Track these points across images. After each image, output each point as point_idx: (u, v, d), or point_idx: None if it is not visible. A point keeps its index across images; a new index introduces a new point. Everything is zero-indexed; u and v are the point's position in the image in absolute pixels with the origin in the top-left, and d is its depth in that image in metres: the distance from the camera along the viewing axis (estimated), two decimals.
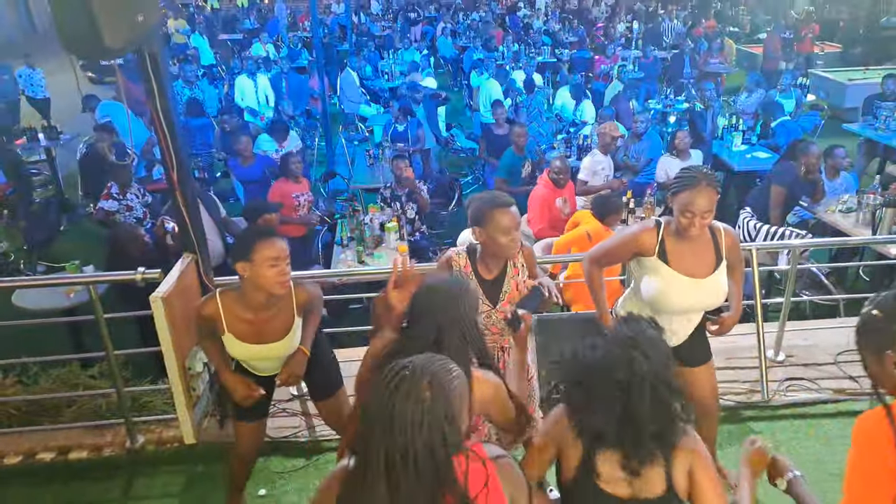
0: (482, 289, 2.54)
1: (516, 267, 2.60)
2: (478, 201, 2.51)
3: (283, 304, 2.52)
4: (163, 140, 2.81)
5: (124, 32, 2.13)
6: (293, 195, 5.55)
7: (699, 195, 2.42)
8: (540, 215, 5.32)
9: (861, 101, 9.26)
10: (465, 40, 14.26)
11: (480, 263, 2.56)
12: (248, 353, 2.55)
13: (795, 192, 5.35)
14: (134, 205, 5.60)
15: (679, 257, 2.57)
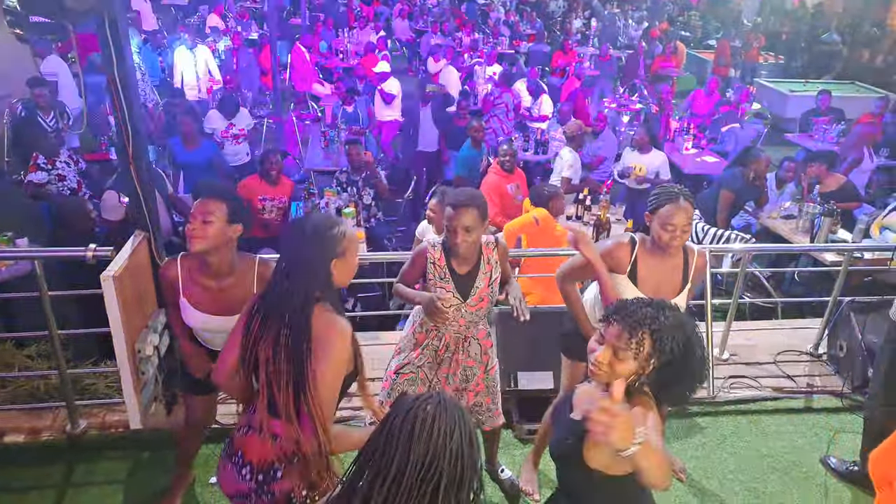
0: (454, 282, 2.59)
1: (490, 263, 2.64)
2: (443, 197, 2.51)
3: (243, 276, 2.45)
4: (119, 109, 2.65)
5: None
6: (259, 198, 5.16)
7: (679, 210, 2.47)
8: (491, 202, 5.31)
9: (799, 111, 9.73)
10: (422, 24, 14.11)
11: (454, 257, 2.60)
12: (200, 322, 2.47)
13: (742, 197, 5.58)
14: (66, 173, 5.23)
15: (648, 279, 2.62)
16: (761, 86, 10.76)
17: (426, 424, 1.26)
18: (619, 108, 9.03)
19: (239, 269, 2.43)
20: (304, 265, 1.80)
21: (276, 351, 1.78)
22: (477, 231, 2.49)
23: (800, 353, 4.14)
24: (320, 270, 1.81)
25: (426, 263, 2.61)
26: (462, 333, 2.69)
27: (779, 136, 9.20)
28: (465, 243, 2.47)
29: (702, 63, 12.95)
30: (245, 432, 1.92)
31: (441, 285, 2.59)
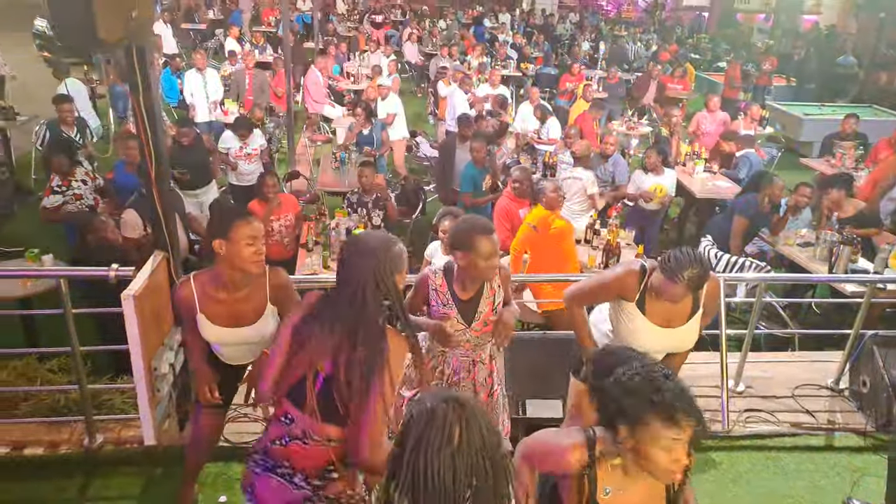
0: (457, 308, 2.60)
1: (493, 288, 2.65)
2: (462, 226, 2.53)
3: (256, 287, 2.54)
4: (143, 134, 2.73)
5: (118, 27, 2.14)
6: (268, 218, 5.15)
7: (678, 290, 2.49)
8: (502, 227, 5.28)
9: (816, 135, 9.64)
10: (431, 47, 14.23)
11: (457, 283, 2.61)
12: (218, 336, 2.54)
13: (756, 224, 5.46)
14: (82, 192, 5.25)
15: (656, 308, 2.64)
16: (775, 109, 10.67)
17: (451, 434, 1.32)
18: (628, 130, 8.98)
19: (252, 280, 2.51)
20: (372, 280, 1.89)
21: (350, 363, 1.84)
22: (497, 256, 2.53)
23: (819, 388, 4.01)
24: (390, 283, 1.92)
25: (428, 290, 2.62)
26: (469, 357, 2.68)
27: (794, 160, 9.09)
28: (495, 269, 2.51)
29: (712, 86, 12.90)
30: (285, 443, 1.96)
31: (444, 311, 2.59)
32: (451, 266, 2.62)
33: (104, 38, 2.01)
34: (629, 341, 2.67)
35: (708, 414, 3.72)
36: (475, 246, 2.43)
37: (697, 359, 4.09)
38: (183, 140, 5.89)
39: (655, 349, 2.71)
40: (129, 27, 2.19)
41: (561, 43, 16.19)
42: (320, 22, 14.01)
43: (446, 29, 16.09)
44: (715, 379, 3.73)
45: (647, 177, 6.18)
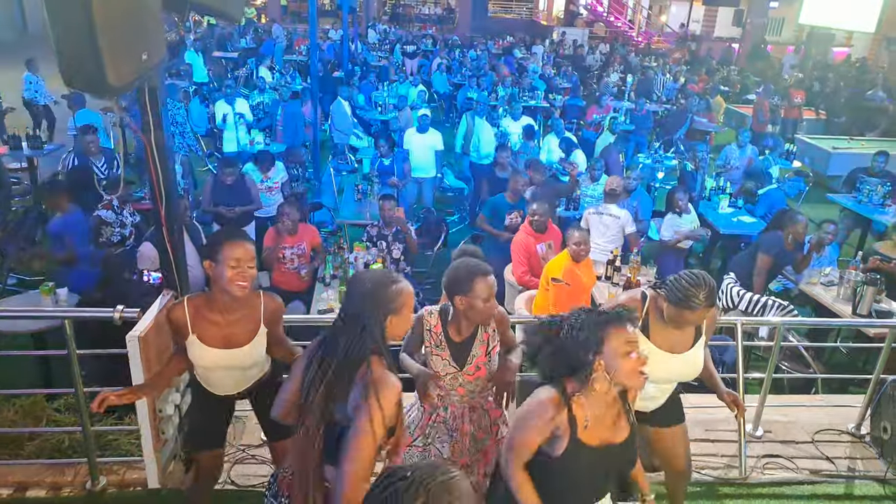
0: (450, 350, 2.59)
1: (486, 332, 2.63)
2: (458, 270, 2.53)
3: (250, 309, 2.55)
4: (154, 173, 2.80)
5: (128, 70, 2.11)
6: (281, 246, 5.24)
7: (696, 316, 2.52)
8: (519, 261, 5.30)
9: (844, 169, 9.50)
10: (460, 77, 14.42)
11: (451, 325, 2.60)
12: (210, 359, 2.52)
13: (780, 262, 5.40)
14: (127, 222, 5.48)
15: (660, 333, 2.65)
16: (803, 142, 10.56)
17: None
18: (654, 163, 8.97)
19: (247, 302, 2.52)
20: (360, 319, 1.90)
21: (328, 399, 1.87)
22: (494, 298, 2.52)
23: (840, 433, 3.93)
24: (375, 325, 1.91)
25: (423, 330, 2.61)
26: (467, 403, 2.64)
27: (821, 194, 8.97)
28: (492, 311, 2.51)
29: (741, 118, 12.83)
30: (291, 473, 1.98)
31: (437, 353, 2.58)
32: (446, 308, 2.61)
33: (113, 82, 1.99)
34: None
35: (725, 460, 3.69)
36: (473, 289, 2.44)
37: (714, 402, 4.03)
38: (227, 180, 6.05)
39: (664, 377, 2.71)
40: (139, 69, 2.17)
41: (590, 74, 16.30)
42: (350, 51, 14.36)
43: (476, 59, 16.32)
44: (733, 423, 3.69)
45: (681, 218, 6.18)
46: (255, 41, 17.37)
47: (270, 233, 5.36)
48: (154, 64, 2.29)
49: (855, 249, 6.77)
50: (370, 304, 1.92)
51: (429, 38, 20.55)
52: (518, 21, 26.92)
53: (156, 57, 2.30)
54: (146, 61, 2.19)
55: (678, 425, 2.89)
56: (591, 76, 15.79)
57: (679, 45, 20.85)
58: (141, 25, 2.16)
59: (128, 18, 2.07)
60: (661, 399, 2.82)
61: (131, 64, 2.12)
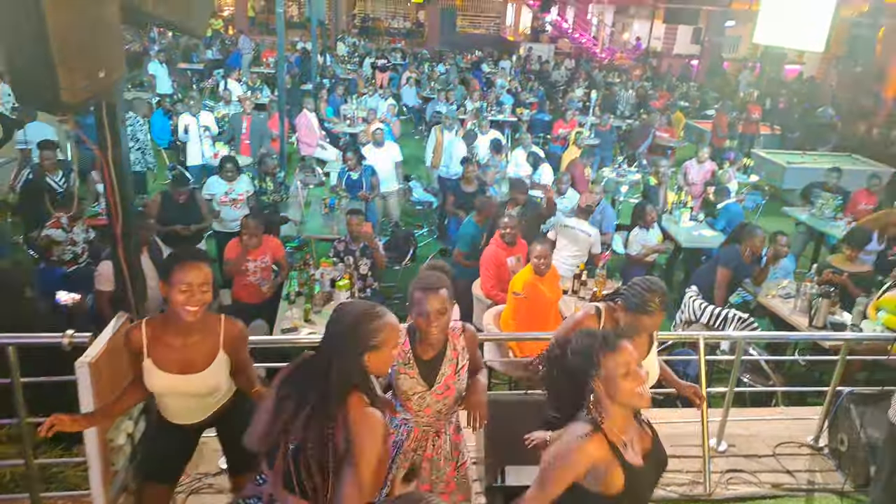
0: (419, 368, 2.53)
1: (455, 350, 2.58)
2: (413, 283, 2.51)
3: (209, 333, 2.46)
4: (110, 191, 2.72)
5: (84, 87, 2.04)
6: (245, 259, 5.12)
7: (653, 320, 2.59)
8: (489, 275, 5.31)
9: (798, 182, 9.82)
10: (429, 91, 14.49)
11: (419, 342, 2.54)
12: (166, 384, 2.43)
13: (739, 275, 5.53)
14: (78, 239, 5.31)
15: None
16: (759, 157, 10.88)
17: None
18: (618, 177, 9.12)
19: (205, 326, 2.44)
20: (338, 354, 1.87)
21: (316, 436, 1.83)
22: (448, 314, 2.46)
23: (800, 446, 4.01)
24: (353, 362, 1.88)
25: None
26: (433, 426, 2.59)
27: (777, 207, 9.24)
28: (439, 327, 2.43)
29: (701, 133, 13.16)
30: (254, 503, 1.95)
31: (405, 371, 2.53)
32: (414, 326, 2.57)
33: (68, 99, 1.93)
34: None
35: (690, 476, 3.73)
36: (415, 303, 2.40)
37: (682, 417, 4.11)
38: (179, 198, 5.88)
39: None
40: (96, 87, 2.11)
41: (556, 89, 16.54)
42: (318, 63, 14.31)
43: (445, 73, 16.42)
44: (697, 438, 3.73)
45: (648, 233, 6.29)
46: (221, 52, 17.18)
47: (233, 245, 5.23)
48: (112, 81, 2.24)
49: (810, 262, 6.97)
50: (349, 340, 1.88)
51: (398, 51, 20.62)
52: (486, 36, 27.20)
53: (114, 74, 2.24)
54: (103, 78, 2.13)
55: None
56: (557, 91, 16.02)
57: (641, 62, 21.32)
58: (98, 41, 2.10)
59: (84, 34, 2.01)
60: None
61: (87, 81, 2.06)
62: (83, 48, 2.01)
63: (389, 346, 1.95)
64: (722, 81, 18.90)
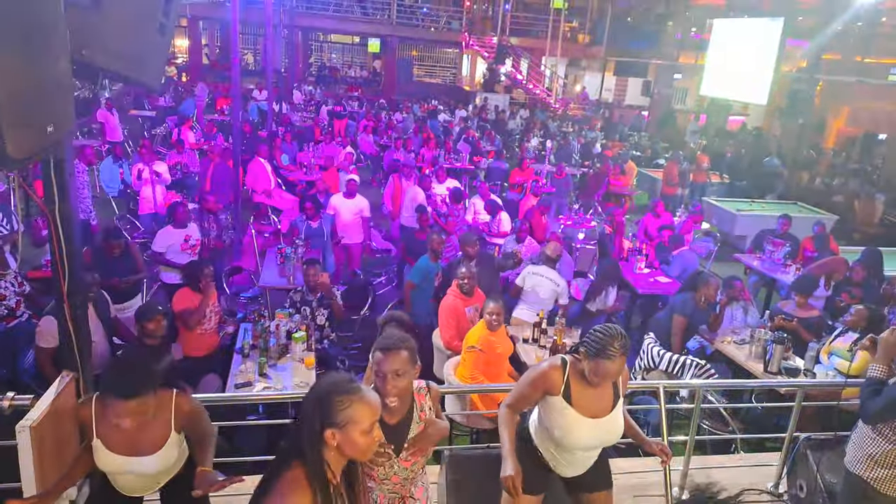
0: (385, 435, 2.40)
1: (423, 411, 2.49)
2: (376, 342, 2.45)
3: (160, 411, 2.34)
4: (57, 247, 2.62)
5: (30, 142, 1.97)
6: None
7: (615, 365, 2.56)
8: (448, 325, 5.28)
9: (747, 229, 10.19)
10: (387, 139, 14.63)
11: (383, 407, 2.40)
12: (114, 465, 2.33)
13: (695, 322, 5.64)
14: (7, 293, 5.05)
15: (581, 398, 2.69)
16: (710, 205, 11.28)
17: None
18: (575, 225, 9.29)
19: (157, 405, 2.32)
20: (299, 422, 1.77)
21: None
22: (408, 375, 2.38)
23: (760, 492, 4.03)
24: (311, 433, 1.74)
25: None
26: (398, 493, 2.49)
27: (729, 254, 9.53)
28: (396, 388, 2.34)
29: (653, 182, 13.59)
30: None
31: None
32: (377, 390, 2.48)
33: (13, 154, 1.86)
34: (562, 438, 2.70)
35: None
36: (376, 362, 2.34)
37: (641, 466, 4.10)
38: (113, 251, 5.52)
39: (588, 443, 2.75)
40: (43, 142, 2.04)
41: (512, 138, 16.91)
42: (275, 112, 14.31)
43: (402, 121, 16.64)
44: (660, 488, 3.70)
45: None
46: (174, 99, 17.02)
47: (184, 294, 5.03)
48: (61, 135, 2.17)
49: (762, 309, 7.15)
50: (311, 409, 1.77)
51: (355, 99, 20.86)
52: (442, 85, 27.83)
53: (63, 128, 2.18)
54: (52, 134, 2.06)
55: (604, 491, 2.93)
56: (513, 140, 16.38)
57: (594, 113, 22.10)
58: (47, 96, 2.05)
59: (32, 89, 1.96)
60: (589, 464, 2.86)
61: (34, 136, 2.00)
62: (30, 103, 1.96)
63: (358, 427, 1.76)
64: (672, 132, 19.69)
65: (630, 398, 5.15)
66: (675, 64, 21.59)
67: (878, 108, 16.93)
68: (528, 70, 22.18)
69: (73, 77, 2.24)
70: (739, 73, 13.85)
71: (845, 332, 5.16)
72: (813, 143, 17.14)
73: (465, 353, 4.64)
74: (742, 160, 15.35)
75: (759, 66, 12.91)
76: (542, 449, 2.84)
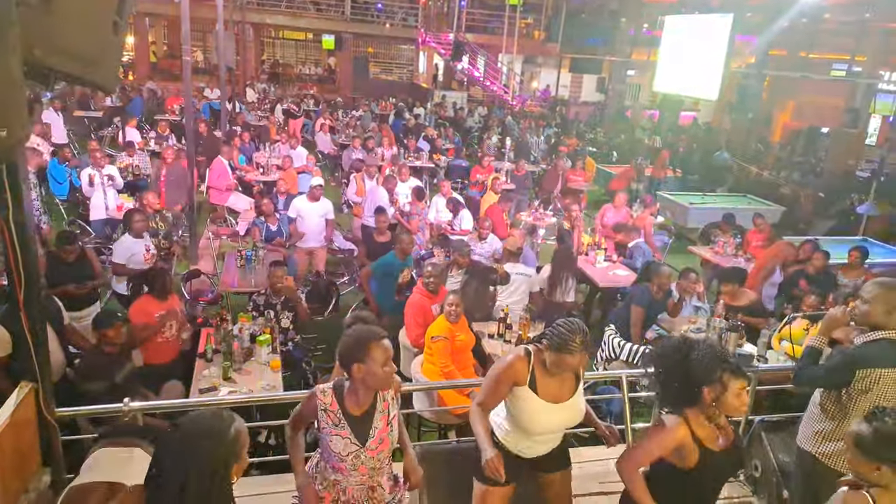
0: (350, 426, 2.48)
1: (386, 401, 2.57)
2: (351, 337, 2.49)
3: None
4: (11, 255, 2.54)
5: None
6: (156, 315, 4.83)
7: (576, 359, 2.68)
8: (415, 323, 5.30)
9: (700, 222, 10.51)
10: (345, 138, 14.50)
11: (349, 399, 2.50)
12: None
13: (652, 312, 5.78)
14: None
15: (546, 386, 2.79)
16: (664, 199, 11.56)
17: None
18: (535, 221, 9.40)
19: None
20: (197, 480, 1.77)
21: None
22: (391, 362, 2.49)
23: None
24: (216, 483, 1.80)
25: (316, 412, 2.50)
26: (366, 484, 2.53)
27: (683, 246, 9.79)
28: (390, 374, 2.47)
29: (609, 177, 13.84)
30: None
31: (336, 433, 2.46)
32: (340, 382, 2.54)
33: None
34: (527, 424, 2.80)
35: None
36: (369, 354, 2.41)
37: (605, 454, 4.17)
38: (68, 257, 5.29)
39: (552, 427, 2.87)
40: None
41: (471, 136, 16.98)
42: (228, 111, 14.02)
43: (360, 119, 16.52)
44: None
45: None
46: (121, 99, 16.41)
47: (140, 305, 4.90)
48: (14, 140, 2.10)
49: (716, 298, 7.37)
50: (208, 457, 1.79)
51: (311, 98, 20.61)
52: (399, 83, 27.75)
53: (17, 133, 2.10)
54: (5, 139, 2.00)
55: (562, 471, 3.07)
56: (472, 137, 16.45)
57: (550, 109, 22.37)
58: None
59: None
60: (551, 447, 2.98)
61: None
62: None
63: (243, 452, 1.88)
64: (626, 128, 20.08)
65: (593, 388, 5.27)
66: (628, 60, 22.01)
67: (821, 102, 17.67)
68: (486, 67, 22.28)
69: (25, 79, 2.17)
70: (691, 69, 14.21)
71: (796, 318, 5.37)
72: (761, 137, 17.75)
73: (430, 346, 4.69)
74: (694, 155, 15.79)
75: (709, 62, 13.26)
76: (507, 440, 2.93)
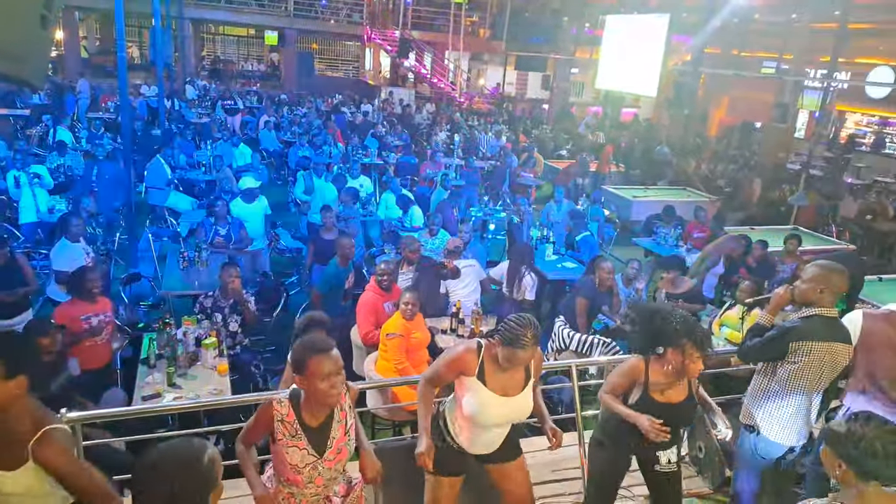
0: (307, 437, 2.40)
1: (343, 410, 2.51)
2: (297, 348, 2.42)
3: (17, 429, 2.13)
4: None
5: None
6: (82, 318, 4.68)
7: (527, 354, 2.72)
8: (366, 321, 5.26)
9: (643, 214, 10.81)
10: (290, 135, 14.24)
11: (305, 410, 2.42)
12: None
13: (596, 303, 5.91)
14: None
15: (495, 378, 2.84)
16: (609, 192, 11.85)
17: None
18: (485, 216, 9.48)
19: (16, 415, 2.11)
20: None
21: None
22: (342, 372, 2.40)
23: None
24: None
25: (273, 423, 2.39)
26: (321, 494, 2.48)
27: (628, 238, 10.06)
28: (338, 388, 2.36)
29: (556, 172, 14.07)
30: None
31: (293, 444, 2.38)
32: (296, 392, 2.44)
33: None
34: (474, 417, 2.83)
35: (571, 499, 3.88)
36: (310, 367, 2.31)
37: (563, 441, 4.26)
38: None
39: (499, 420, 2.90)
40: None
41: (419, 132, 16.96)
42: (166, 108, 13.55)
43: (305, 116, 16.25)
44: (576, 461, 3.91)
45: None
46: (50, 97, 15.61)
47: (64, 309, 4.73)
48: None
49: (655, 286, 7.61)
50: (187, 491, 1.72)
51: (253, 94, 20.14)
52: (345, 80, 27.42)
53: None
54: None
55: (515, 460, 3.10)
56: (421, 134, 16.42)
57: (497, 106, 22.56)
58: None
59: None
60: (499, 441, 3.01)
61: None
62: None
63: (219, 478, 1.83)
64: (570, 124, 20.44)
65: (544, 378, 5.34)
66: (572, 58, 22.40)
67: (753, 98, 18.45)
68: (432, 64, 22.27)
69: None
70: (631, 66, 14.61)
71: (734, 305, 5.61)
72: (698, 132, 18.37)
73: (385, 343, 4.66)
74: (635, 150, 16.21)
75: (648, 60, 13.67)
76: (456, 433, 2.96)
